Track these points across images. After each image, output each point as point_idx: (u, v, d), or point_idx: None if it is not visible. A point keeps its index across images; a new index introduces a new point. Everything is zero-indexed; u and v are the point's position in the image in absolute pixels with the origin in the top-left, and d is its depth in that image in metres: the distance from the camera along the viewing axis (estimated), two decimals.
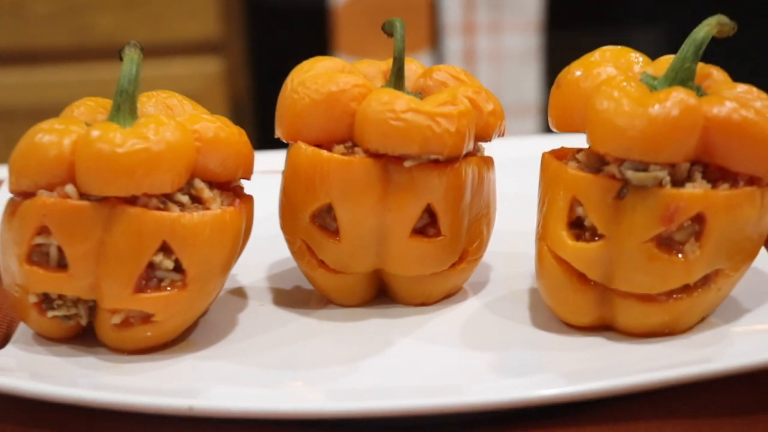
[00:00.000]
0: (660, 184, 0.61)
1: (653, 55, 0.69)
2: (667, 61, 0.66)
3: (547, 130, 1.73)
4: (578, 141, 0.67)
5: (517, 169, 0.77)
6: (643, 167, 0.61)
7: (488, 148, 0.71)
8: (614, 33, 1.76)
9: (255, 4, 1.76)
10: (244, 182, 0.68)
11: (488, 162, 0.69)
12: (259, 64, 1.79)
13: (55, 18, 1.77)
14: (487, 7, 1.72)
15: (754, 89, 0.64)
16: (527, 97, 1.75)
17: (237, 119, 1.77)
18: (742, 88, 0.64)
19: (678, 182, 0.62)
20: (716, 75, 0.66)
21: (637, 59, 0.66)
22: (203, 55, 1.81)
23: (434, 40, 1.73)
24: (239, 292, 0.73)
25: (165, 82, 1.76)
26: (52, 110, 0.68)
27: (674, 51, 0.66)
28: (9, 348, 0.66)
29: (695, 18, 1.68)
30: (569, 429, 0.58)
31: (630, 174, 0.61)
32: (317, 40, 1.73)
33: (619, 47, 0.67)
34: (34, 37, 1.78)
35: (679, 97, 0.61)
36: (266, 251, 0.75)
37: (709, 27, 0.64)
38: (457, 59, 1.72)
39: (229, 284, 0.72)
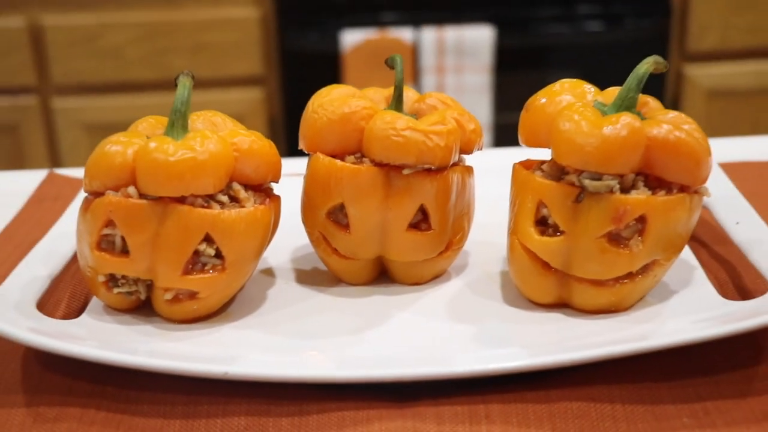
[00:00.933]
0: (611, 191, 0.52)
1: None
2: (613, 91, 0.57)
3: (495, 144, 1.67)
4: (530, 153, 0.59)
5: (491, 175, 0.67)
6: (597, 177, 0.52)
7: (469, 159, 0.61)
8: (542, 75, 1.69)
9: (287, 50, 1.67)
10: (273, 184, 0.59)
11: (469, 170, 0.60)
12: (290, 93, 1.71)
13: (144, 59, 1.69)
14: (453, 55, 1.64)
15: (683, 114, 0.55)
16: (481, 120, 1.68)
17: (272, 133, 1.72)
18: (672, 114, 0.55)
19: (625, 189, 0.53)
20: (652, 103, 0.57)
21: (589, 90, 0.57)
22: (249, 86, 1.72)
23: (415, 77, 1.66)
24: (269, 272, 0.62)
25: (221, 105, 1.67)
26: None
27: None
28: (83, 317, 0.57)
29: (596, 67, 1.64)
30: (536, 392, 0.49)
31: (587, 182, 0.52)
32: (331, 75, 1.65)
33: (575, 80, 0.58)
34: (129, 73, 1.70)
35: (627, 120, 0.52)
36: (291, 239, 0.65)
37: (648, 65, 0.55)
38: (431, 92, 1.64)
39: (261, 265, 0.63)
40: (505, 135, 1.68)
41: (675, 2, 1.68)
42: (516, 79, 1.67)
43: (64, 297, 0.60)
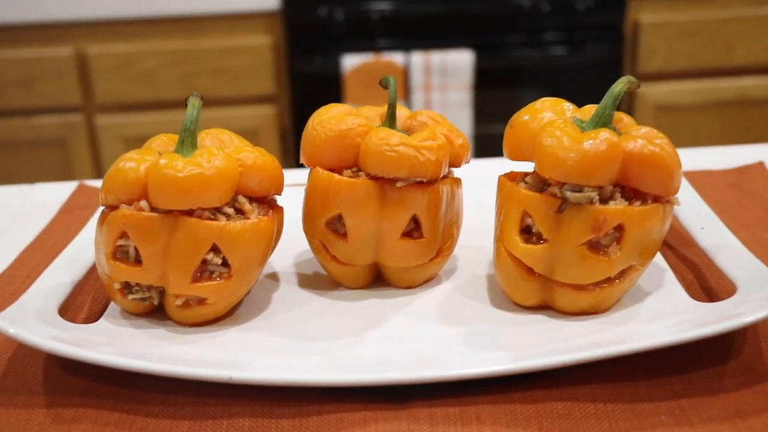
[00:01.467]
0: (591, 201, 0.46)
1: None
2: (590, 108, 0.50)
3: (476, 152, 1.61)
4: (512, 164, 0.52)
5: (477, 184, 0.61)
6: (578, 189, 0.46)
7: (456, 171, 0.54)
8: (515, 92, 1.63)
9: (296, 72, 1.60)
10: (276, 196, 0.52)
11: (458, 182, 0.53)
12: (298, 109, 1.64)
13: (174, 81, 1.62)
14: (438, 75, 1.58)
15: (654, 130, 0.49)
16: (462, 131, 1.59)
17: (283, 144, 1.65)
18: (645, 129, 0.48)
19: (604, 200, 0.46)
20: (626, 120, 0.50)
21: (568, 107, 0.50)
22: (263, 103, 1.65)
23: (406, 94, 1.59)
24: (274, 277, 0.56)
25: (239, 120, 1.63)
26: None
27: None
28: (101, 321, 0.50)
29: (561, 85, 1.60)
30: (523, 392, 0.43)
31: (568, 194, 0.46)
32: (334, 94, 1.59)
33: (554, 98, 0.51)
34: (161, 93, 1.63)
35: (605, 136, 0.46)
36: (295, 244, 0.58)
37: (623, 84, 0.48)
38: (419, 107, 1.59)
39: (266, 270, 0.56)
40: (484, 144, 1.62)
41: (627, 31, 1.62)
42: (493, 95, 1.61)
43: (86, 301, 0.53)
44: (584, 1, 1.59)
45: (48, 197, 0.73)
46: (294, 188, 0.58)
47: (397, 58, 1.57)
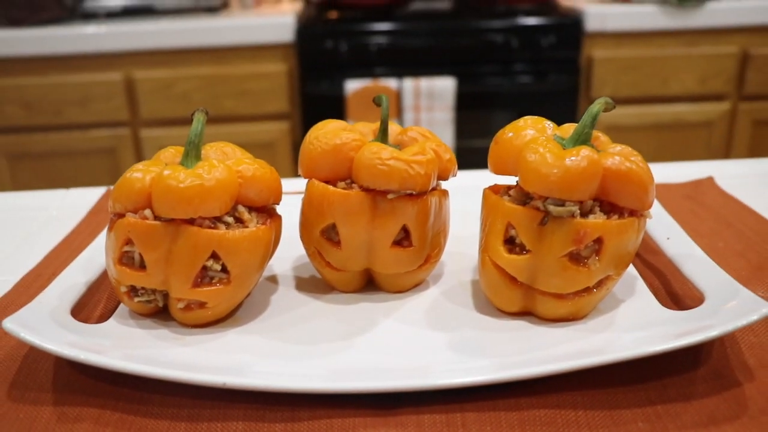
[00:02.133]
0: (572, 215, 0.38)
1: None
2: (570, 127, 0.42)
3: (457, 164, 1.53)
4: (490, 177, 0.47)
5: (462, 193, 0.53)
6: (560, 203, 0.38)
7: (443, 183, 0.46)
8: (489, 114, 1.55)
9: (306, 94, 1.53)
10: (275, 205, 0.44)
11: (445, 193, 0.45)
12: (308, 125, 1.56)
13: (205, 101, 1.54)
14: (426, 98, 1.51)
15: (628, 147, 0.41)
16: None
17: (295, 155, 1.57)
18: (620, 147, 0.41)
19: (584, 214, 0.39)
20: (602, 138, 0.42)
21: (548, 125, 0.42)
22: (279, 120, 1.57)
23: (399, 114, 1.51)
24: (273, 279, 0.48)
25: (258, 134, 1.54)
26: None
27: None
28: (110, 321, 0.42)
29: (527, 108, 1.52)
30: (507, 400, 0.36)
31: (551, 208, 0.38)
32: (338, 113, 1.52)
33: (536, 117, 0.43)
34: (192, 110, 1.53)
35: (586, 153, 0.38)
36: (294, 249, 0.50)
37: (600, 105, 0.41)
38: (410, 125, 1.51)
39: (267, 273, 0.48)
40: (464, 157, 1.54)
41: (583, 64, 1.55)
42: (471, 116, 1.54)
43: (102, 299, 0.46)
44: (547, 39, 1.52)
45: (81, 201, 0.65)
46: (299, 196, 0.50)
47: (391, 83, 1.49)
